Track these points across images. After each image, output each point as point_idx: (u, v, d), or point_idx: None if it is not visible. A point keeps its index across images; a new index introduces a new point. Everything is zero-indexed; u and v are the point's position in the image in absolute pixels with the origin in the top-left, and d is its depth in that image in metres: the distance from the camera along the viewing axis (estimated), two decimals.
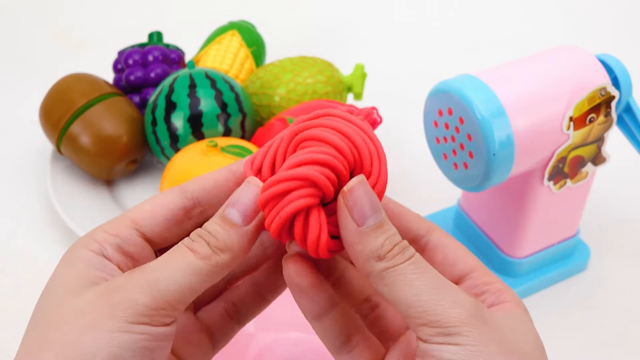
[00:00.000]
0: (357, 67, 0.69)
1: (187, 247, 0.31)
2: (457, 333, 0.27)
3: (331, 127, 0.33)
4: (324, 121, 0.33)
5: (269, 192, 0.31)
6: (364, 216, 0.29)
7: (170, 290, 0.30)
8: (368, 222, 0.29)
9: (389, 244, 0.29)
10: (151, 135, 0.63)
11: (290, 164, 0.31)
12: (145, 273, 0.31)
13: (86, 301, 0.30)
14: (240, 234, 0.32)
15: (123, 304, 0.30)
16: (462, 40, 0.91)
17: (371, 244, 0.29)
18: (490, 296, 0.31)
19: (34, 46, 0.89)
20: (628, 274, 0.60)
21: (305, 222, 0.31)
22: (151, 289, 0.30)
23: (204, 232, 0.32)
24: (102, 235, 0.33)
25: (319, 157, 0.31)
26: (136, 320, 0.30)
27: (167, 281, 0.30)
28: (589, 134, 0.49)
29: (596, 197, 0.65)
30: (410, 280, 0.28)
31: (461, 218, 0.60)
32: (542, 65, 0.48)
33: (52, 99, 0.65)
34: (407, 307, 0.28)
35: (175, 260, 0.31)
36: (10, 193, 0.68)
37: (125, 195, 0.67)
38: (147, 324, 0.30)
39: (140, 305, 0.30)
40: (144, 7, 0.96)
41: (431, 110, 0.49)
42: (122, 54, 0.70)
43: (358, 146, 0.32)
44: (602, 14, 0.96)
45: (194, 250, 0.31)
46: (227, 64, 0.72)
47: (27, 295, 0.58)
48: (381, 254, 0.29)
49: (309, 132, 0.32)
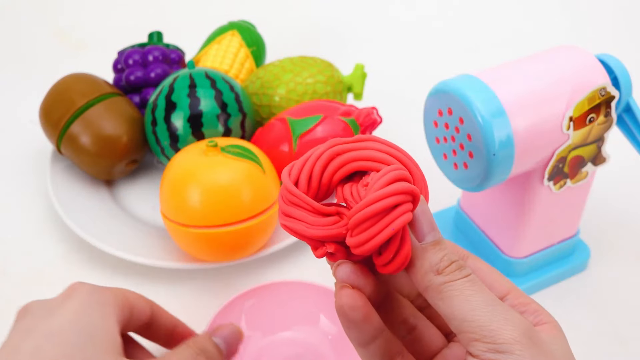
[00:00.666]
0: (357, 67, 0.69)
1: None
2: (509, 351, 0.28)
3: (376, 149, 0.34)
4: (367, 144, 0.34)
5: (376, 206, 0.31)
6: (423, 233, 0.31)
7: None
8: (427, 239, 0.31)
9: (447, 260, 0.30)
10: (151, 135, 0.63)
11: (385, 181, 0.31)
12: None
13: None
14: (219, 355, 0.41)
15: None
16: (462, 40, 0.91)
17: (431, 259, 0.31)
18: (529, 316, 0.32)
19: (34, 46, 0.89)
20: (628, 274, 0.60)
21: (403, 235, 0.32)
22: None
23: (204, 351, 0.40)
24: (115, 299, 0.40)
25: (402, 174, 0.32)
26: None
27: None
28: (589, 134, 0.49)
29: (596, 197, 0.65)
30: (467, 296, 0.29)
31: (461, 218, 0.60)
32: (542, 65, 0.48)
33: (52, 99, 0.65)
34: (461, 321, 0.29)
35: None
36: (10, 193, 0.68)
37: (125, 195, 0.67)
38: None
39: None
40: (144, 7, 0.96)
41: (431, 110, 0.49)
42: (122, 54, 0.70)
43: (408, 167, 0.33)
44: (602, 14, 0.96)
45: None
46: (227, 64, 0.72)
47: (27, 295, 0.58)
48: (439, 269, 0.30)
49: (354, 153, 0.33)
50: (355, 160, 0.33)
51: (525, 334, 0.28)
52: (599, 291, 0.58)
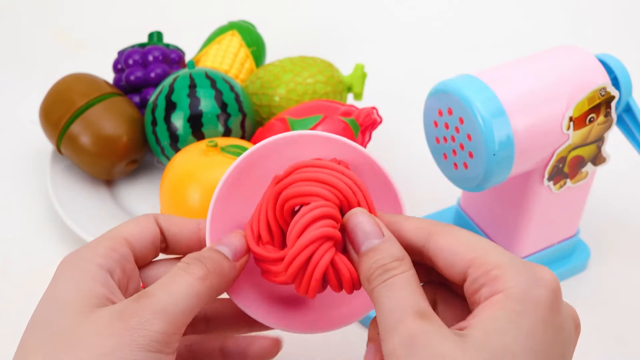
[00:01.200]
0: (357, 67, 0.69)
1: (184, 270, 0.33)
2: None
3: (308, 179, 0.35)
4: (301, 175, 0.36)
5: (295, 263, 0.34)
6: (358, 245, 0.33)
7: (176, 314, 0.32)
8: (362, 249, 0.33)
9: (374, 267, 0.32)
10: (151, 135, 0.63)
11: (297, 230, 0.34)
12: (152, 299, 0.32)
13: (100, 324, 0.31)
14: (230, 266, 0.35)
15: (139, 331, 0.30)
16: (462, 40, 0.91)
17: (363, 269, 0.32)
18: (486, 289, 0.30)
19: (34, 46, 0.89)
20: (628, 274, 0.60)
21: (335, 271, 0.34)
22: (162, 314, 0.31)
23: (199, 256, 0.34)
24: (104, 250, 0.34)
25: (316, 214, 0.34)
26: (151, 347, 0.31)
27: (173, 305, 0.32)
28: (589, 134, 0.49)
29: (596, 197, 0.65)
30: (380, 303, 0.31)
31: (461, 218, 0.60)
32: (542, 65, 0.48)
33: (52, 99, 0.65)
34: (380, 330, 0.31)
35: (175, 283, 0.32)
36: (10, 193, 0.68)
37: (125, 195, 0.67)
38: (160, 351, 0.31)
39: (155, 332, 0.31)
40: (144, 7, 0.96)
41: (431, 110, 0.49)
42: (122, 54, 0.70)
43: (338, 187, 0.35)
44: (602, 14, 0.96)
45: (191, 272, 0.33)
46: (227, 64, 0.72)
47: (27, 295, 0.58)
48: (369, 277, 0.32)
49: (289, 191, 0.35)
50: (290, 198, 0.36)
51: (404, 342, 0.28)
52: (599, 291, 0.58)
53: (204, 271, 0.33)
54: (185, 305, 0.32)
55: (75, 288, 0.33)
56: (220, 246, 0.35)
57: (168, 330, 0.31)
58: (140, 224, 0.36)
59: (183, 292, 0.32)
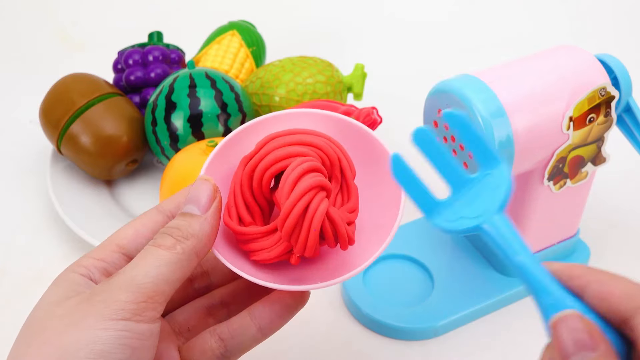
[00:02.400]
0: (357, 67, 0.69)
1: (152, 245, 0.34)
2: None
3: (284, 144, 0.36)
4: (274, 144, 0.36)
5: (293, 214, 0.33)
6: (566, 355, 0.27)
7: (146, 283, 0.32)
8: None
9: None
10: (151, 135, 0.63)
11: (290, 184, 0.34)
12: (122, 274, 0.32)
13: (69, 306, 0.32)
14: (201, 221, 0.34)
15: (104, 302, 0.31)
16: (462, 40, 0.91)
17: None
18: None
19: (34, 46, 0.89)
20: (628, 274, 0.60)
21: (331, 224, 0.34)
22: (129, 285, 0.32)
23: (166, 228, 0.34)
24: (88, 260, 0.35)
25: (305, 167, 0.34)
26: (117, 316, 0.31)
27: (142, 276, 0.32)
28: (589, 134, 0.49)
29: (596, 197, 0.65)
30: None
31: None
32: (542, 65, 0.48)
33: (52, 99, 0.65)
34: None
35: (145, 257, 0.33)
36: (10, 193, 0.68)
37: (125, 195, 0.67)
38: (128, 319, 0.31)
39: (121, 302, 0.31)
40: (144, 7, 0.96)
41: (431, 110, 0.49)
42: (122, 54, 0.70)
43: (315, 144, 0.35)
44: (602, 14, 0.96)
45: (159, 245, 0.33)
46: (227, 64, 0.72)
47: (27, 295, 0.58)
48: None
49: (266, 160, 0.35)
50: (270, 165, 0.35)
51: None
52: None
53: (171, 241, 0.33)
54: (156, 274, 0.32)
55: (53, 291, 0.33)
56: (187, 206, 0.35)
57: (136, 299, 0.31)
58: (136, 222, 0.37)
59: (152, 264, 0.33)
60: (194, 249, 0.34)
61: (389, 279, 0.56)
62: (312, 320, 0.55)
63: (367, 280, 0.56)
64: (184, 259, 0.33)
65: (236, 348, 0.37)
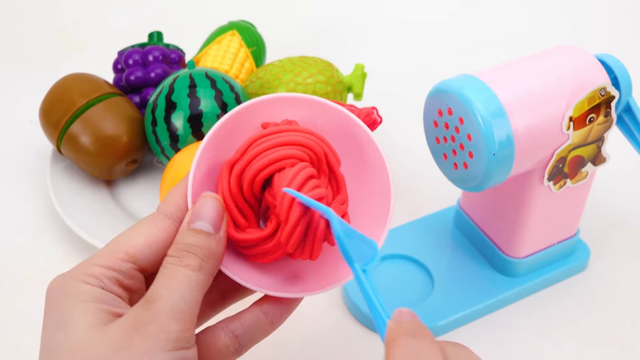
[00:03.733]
0: (357, 67, 0.69)
1: (179, 265, 0.33)
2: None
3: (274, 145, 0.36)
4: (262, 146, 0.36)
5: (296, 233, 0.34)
6: None
7: (187, 309, 0.32)
8: None
9: None
10: (151, 135, 0.63)
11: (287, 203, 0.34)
12: (161, 301, 0.32)
13: (118, 338, 0.31)
14: (216, 241, 0.34)
15: (159, 335, 0.31)
16: (462, 40, 0.91)
17: None
18: None
19: (34, 46, 0.89)
20: (628, 274, 0.60)
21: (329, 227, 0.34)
22: (173, 314, 0.32)
23: (185, 246, 0.34)
24: (99, 270, 0.34)
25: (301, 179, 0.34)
26: (174, 346, 0.31)
27: (182, 302, 0.32)
28: (588, 134, 0.49)
29: (596, 197, 0.65)
30: None
31: (461, 218, 0.60)
32: (542, 65, 0.48)
33: (52, 99, 0.65)
34: None
35: (177, 281, 0.33)
36: (10, 193, 0.68)
37: (125, 195, 0.67)
38: (183, 348, 0.32)
39: (174, 332, 0.32)
40: (144, 7, 0.96)
41: (431, 110, 0.49)
42: (122, 54, 0.70)
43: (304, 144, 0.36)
44: (602, 14, 0.96)
45: (186, 265, 0.33)
46: (227, 64, 0.72)
47: (27, 295, 0.58)
48: None
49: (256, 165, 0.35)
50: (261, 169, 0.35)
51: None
52: (599, 291, 0.58)
53: (198, 261, 0.33)
54: (191, 299, 0.33)
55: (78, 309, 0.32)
56: (198, 223, 0.34)
57: (184, 327, 0.32)
58: (147, 229, 0.35)
59: (186, 287, 0.33)
60: (214, 269, 0.34)
61: (389, 279, 0.56)
62: (312, 320, 0.55)
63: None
64: (207, 281, 0.34)
65: (249, 341, 0.38)
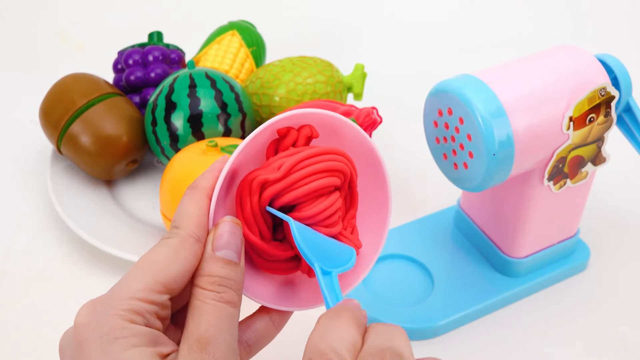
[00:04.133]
0: (357, 67, 0.69)
1: (220, 301, 0.34)
2: None
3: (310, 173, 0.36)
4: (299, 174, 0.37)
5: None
6: None
7: (234, 345, 0.34)
8: None
9: None
10: (151, 135, 0.63)
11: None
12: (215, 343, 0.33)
13: None
14: (241, 271, 0.35)
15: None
16: (462, 40, 0.91)
17: None
18: None
19: (34, 46, 0.89)
20: (628, 274, 0.60)
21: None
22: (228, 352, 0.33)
23: (220, 280, 0.34)
24: (141, 305, 0.33)
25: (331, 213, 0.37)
26: None
27: (234, 343, 0.34)
28: (589, 134, 0.49)
29: (596, 197, 0.65)
30: None
31: (461, 218, 0.60)
32: (542, 65, 0.48)
33: (52, 99, 0.65)
34: None
35: (221, 319, 0.33)
36: (10, 193, 0.68)
37: (125, 195, 0.67)
38: None
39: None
40: (144, 7, 0.96)
41: (431, 110, 0.49)
42: (122, 54, 0.70)
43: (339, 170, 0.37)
44: (602, 14, 0.96)
45: (228, 302, 0.34)
46: (227, 64, 0.72)
47: (27, 295, 0.58)
48: None
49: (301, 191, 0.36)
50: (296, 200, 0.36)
51: None
52: (599, 291, 0.58)
53: (236, 297, 0.34)
54: (236, 336, 0.34)
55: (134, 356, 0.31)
56: (226, 252, 0.34)
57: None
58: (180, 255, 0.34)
59: (233, 326, 0.34)
60: (241, 299, 0.35)
61: (389, 279, 0.56)
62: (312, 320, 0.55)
63: (367, 280, 0.56)
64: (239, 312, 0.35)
65: (257, 348, 0.39)
